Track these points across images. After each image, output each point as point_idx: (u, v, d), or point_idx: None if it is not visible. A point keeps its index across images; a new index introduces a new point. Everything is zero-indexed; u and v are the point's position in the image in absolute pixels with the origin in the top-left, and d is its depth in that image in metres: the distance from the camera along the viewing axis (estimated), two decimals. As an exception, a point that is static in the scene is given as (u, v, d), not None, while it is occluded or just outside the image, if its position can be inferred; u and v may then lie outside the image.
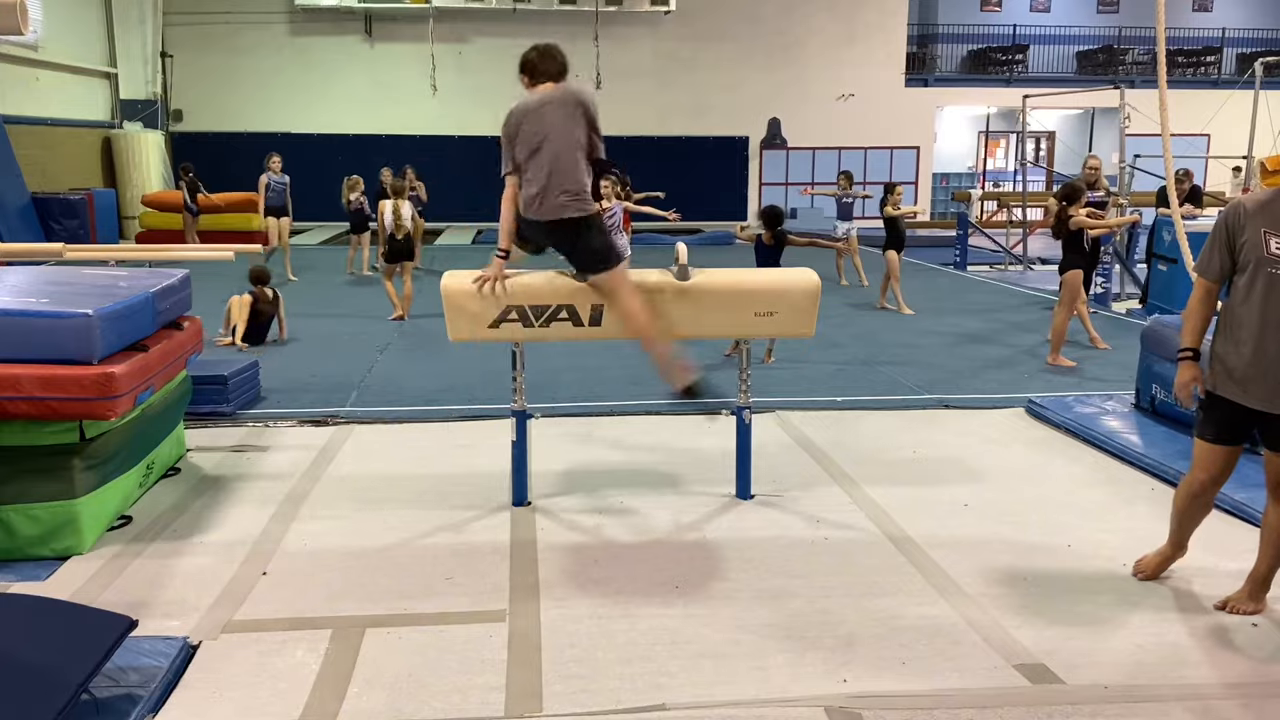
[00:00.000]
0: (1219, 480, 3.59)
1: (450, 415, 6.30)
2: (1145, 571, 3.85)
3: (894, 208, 10.67)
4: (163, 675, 3.06)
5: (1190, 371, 3.56)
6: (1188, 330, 3.59)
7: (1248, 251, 3.39)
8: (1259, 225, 3.37)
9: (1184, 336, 3.59)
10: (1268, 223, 3.37)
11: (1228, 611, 3.57)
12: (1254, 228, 3.38)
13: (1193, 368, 3.56)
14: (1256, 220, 3.39)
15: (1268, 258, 3.34)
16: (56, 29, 17.51)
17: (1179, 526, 3.77)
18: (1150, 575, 3.83)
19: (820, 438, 5.79)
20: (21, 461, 3.98)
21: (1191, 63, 25.21)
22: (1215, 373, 3.50)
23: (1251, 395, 3.39)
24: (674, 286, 4.37)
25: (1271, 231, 3.35)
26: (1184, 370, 3.58)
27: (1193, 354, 3.56)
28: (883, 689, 3.07)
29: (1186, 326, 3.59)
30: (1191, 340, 3.57)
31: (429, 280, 10.06)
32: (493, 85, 22.11)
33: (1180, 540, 3.80)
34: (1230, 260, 3.46)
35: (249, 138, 21.69)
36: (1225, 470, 3.57)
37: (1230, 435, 3.51)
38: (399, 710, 2.97)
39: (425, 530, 4.39)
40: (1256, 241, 3.36)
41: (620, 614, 3.58)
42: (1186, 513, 3.71)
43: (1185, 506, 3.69)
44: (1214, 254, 3.50)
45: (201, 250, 7.69)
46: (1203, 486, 3.61)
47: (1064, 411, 6.11)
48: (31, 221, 14.80)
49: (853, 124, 23.03)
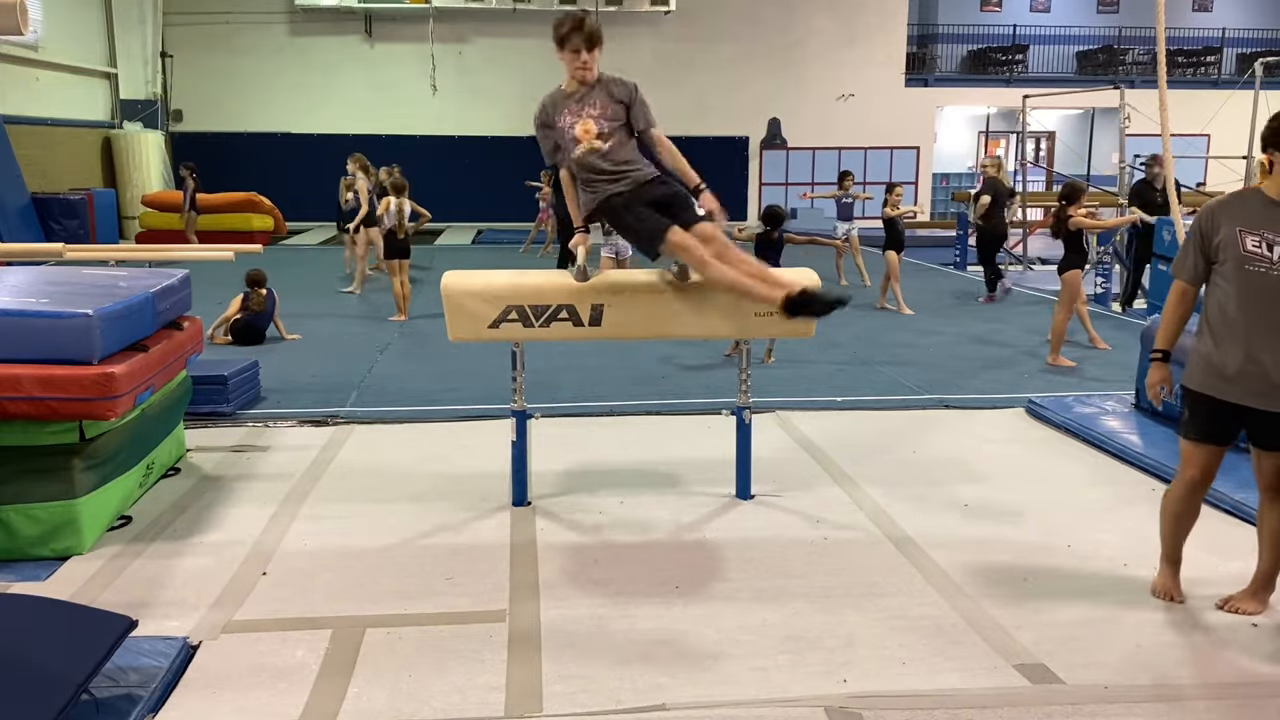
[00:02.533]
0: (1208, 480, 3.58)
1: (450, 415, 6.30)
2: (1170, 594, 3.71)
3: (893, 208, 10.68)
4: (163, 675, 3.06)
5: (1160, 373, 3.59)
6: (1163, 331, 3.61)
7: (1224, 251, 3.40)
8: (1233, 224, 3.39)
9: (1158, 337, 3.62)
10: (1242, 221, 3.39)
11: (1229, 611, 3.57)
12: (1228, 227, 3.40)
13: (1163, 369, 3.59)
14: (1230, 219, 3.41)
15: (1245, 255, 3.36)
16: (56, 29, 17.51)
17: (1172, 537, 3.71)
18: (1179, 596, 3.69)
19: (820, 438, 5.79)
20: (21, 461, 3.98)
21: (1191, 63, 25.22)
22: (1202, 372, 3.49)
23: (1242, 393, 3.40)
24: (674, 286, 4.36)
25: (1246, 230, 3.37)
26: (1154, 371, 3.61)
27: (1163, 355, 3.59)
28: (883, 689, 3.07)
29: (1162, 327, 3.62)
30: (1164, 342, 3.60)
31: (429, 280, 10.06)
32: (493, 85, 22.18)
33: (1176, 554, 3.73)
34: (1205, 262, 3.48)
35: (249, 138, 21.71)
36: (1213, 469, 3.56)
37: (1217, 434, 3.51)
38: (399, 710, 2.96)
39: (425, 530, 4.39)
40: (1232, 241, 3.38)
41: (620, 614, 3.58)
42: (1179, 517, 3.66)
43: (1178, 509, 3.64)
44: (1189, 256, 3.53)
45: (201, 250, 7.70)
46: (1194, 483, 3.58)
47: (1064, 411, 6.11)
48: (31, 221, 14.80)
49: (853, 124, 23.03)
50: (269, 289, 8.61)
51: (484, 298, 4.32)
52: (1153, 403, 3.63)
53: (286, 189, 19.62)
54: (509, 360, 4.72)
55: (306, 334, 8.91)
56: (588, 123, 4.19)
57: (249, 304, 8.48)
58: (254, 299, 8.49)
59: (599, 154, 4.20)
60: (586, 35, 4.17)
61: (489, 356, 7.20)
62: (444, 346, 7.30)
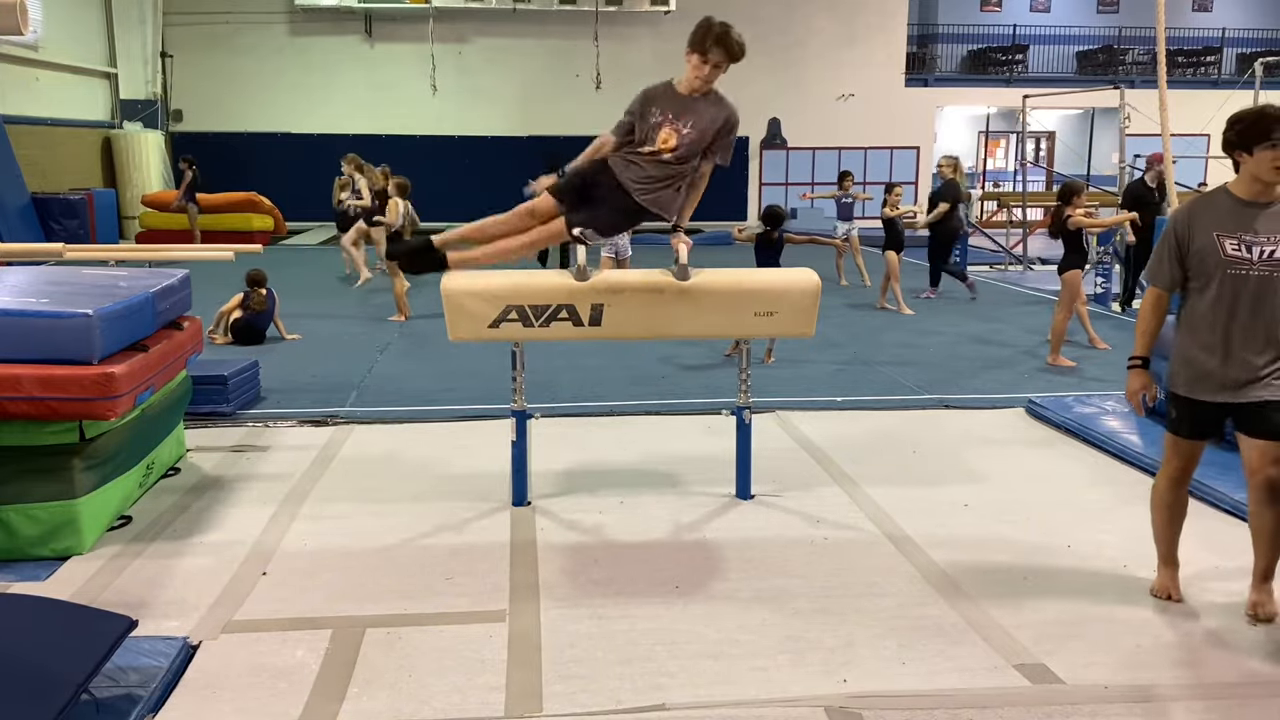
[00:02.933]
0: (1192, 468, 3.65)
1: (450, 415, 6.30)
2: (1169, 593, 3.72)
3: (892, 208, 10.68)
4: (163, 675, 3.06)
5: (1140, 380, 3.60)
6: (1139, 338, 3.62)
7: (1204, 257, 3.40)
8: (1209, 229, 3.40)
9: (1136, 345, 3.63)
10: (1218, 225, 3.39)
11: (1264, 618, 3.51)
12: (1204, 233, 3.40)
13: (1142, 375, 3.60)
14: (1205, 224, 3.41)
15: (1226, 259, 3.36)
16: (56, 29, 17.50)
17: (1166, 535, 3.72)
18: (1178, 595, 3.71)
19: (820, 438, 5.79)
20: (21, 461, 3.98)
21: (1191, 63, 25.21)
22: (1187, 378, 3.50)
23: (1225, 391, 3.43)
24: (674, 286, 4.36)
25: (1224, 234, 3.38)
26: (1134, 378, 3.62)
27: (1142, 363, 3.60)
28: (883, 689, 3.07)
29: (1138, 334, 3.63)
30: (1142, 349, 3.61)
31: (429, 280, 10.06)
32: (493, 85, 22.18)
33: (1172, 554, 3.74)
34: (1181, 269, 3.49)
35: (249, 138, 21.70)
36: (1196, 459, 3.64)
37: (1202, 431, 3.58)
38: (399, 710, 2.96)
39: (425, 530, 4.39)
40: (1212, 246, 3.39)
41: (620, 614, 3.58)
42: (1170, 509, 3.69)
43: (1169, 501, 3.68)
44: (1164, 263, 3.53)
45: (201, 250, 7.70)
46: (1180, 473, 3.64)
47: (1064, 411, 6.11)
48: (31, 221, 14.80)
49: (853, 124, 23.02)
50: (269, 289, 8.61)
51: (484, 298, 4.32)
52: (1134, 410, 3.67)
53: (286, 189, 19.61)
54: (509, 360, 4.72)
55: (306, 334, 8.91)
56: (671, 136, 4.07)
57: (249, 304, 8.48)
58: (254, 299, 8.49)
59: (657, 162, 4.12)
60: (728, 52, 3.97)
61: (489, 356, 7.21)
62: (444, 346, 7.30)
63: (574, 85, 21.39)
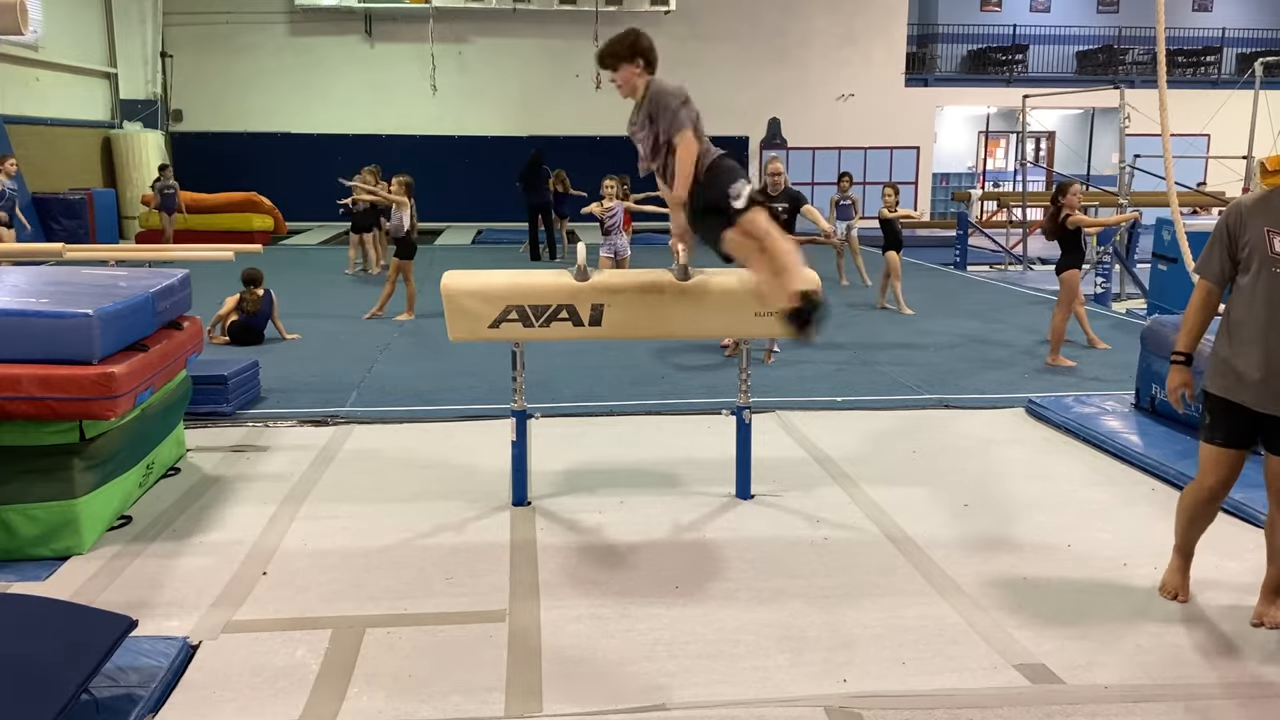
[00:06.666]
0: (1229, 484, 3.49)
1: (450, 415, 6.30)
2: (1176, 592, 3.70)
3: (890, 210, 10.68)
4: (163, 675, 3.06)
5: (1181, 376, 3.51)
6: (1184, 333, 3.52)
7: (1251, 252, 3.32)
8: (1261, 224, 3.31)
9: (1180, 339, 3.53)
10: (1270, 221, 3.30)
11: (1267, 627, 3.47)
12: (1256, 227, 3.32)
13: (1184, 372, 3.50)
14: (1258, 219, 3.33)
15: (1272, 257, 3.27)
16: (56, 29, 17.51)
17: (1186, 535, 3.67)
18: (1185, 595, 3.69)
19: (820, 437, 5.79)
20: (21, 461, 3.98)
21: (1191, 63, 25.22)
22: (1223, 377, 3.41)
23: (1262, 399, 3.31)
24: (674, 286, 4.36)
25: (1274, 230, 3.28)
26: (1175, 374, 3.52)
27: (1185, 358, 3.51)
28: (883, 689, 3.07)
29: (1184, 329, 3.52)
30: (1186, 344, 3.51)
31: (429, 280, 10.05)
32: (493, 85, 22.19)
33: (1189, 548, 3.69)
34: (1231, 262, 3.40)
35: (249, 138, 21.71)
36: (1234, 474, 3.48)
37: (1239, 439, 3.43)
38: (399, 710, 2.96)
39: (425, 530, 4.39)
40: (1260, 241, 3.30)
41: (620, 614, 3.58)
42: (1195, 520, 3.61)
43: (1195, 514, 3.60)
44: (1214, 255, 3.44)
45: (202, 250, 7.68)
46: (1212, 492, 3.51)
47: (1064, 411, 6.11)
48: (32, 221, 14.80)
49: (853, 124, 23.03)
50: (266, 289, 8.60)
51: (484, 298, 4.31)
52: (1174, 407, 3.56)
53: (286, 189, 19.63)
54: (509, 360, 4.72)
55: (306, 334, 8.91)
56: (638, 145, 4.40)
57: (244, 304, 8.46)
58: (248, 299, 8.47)
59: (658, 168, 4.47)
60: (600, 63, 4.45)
61: (489, 356, 7.21)
62: (444, 346, 7.31)
63: (574, 85, 21.38)
